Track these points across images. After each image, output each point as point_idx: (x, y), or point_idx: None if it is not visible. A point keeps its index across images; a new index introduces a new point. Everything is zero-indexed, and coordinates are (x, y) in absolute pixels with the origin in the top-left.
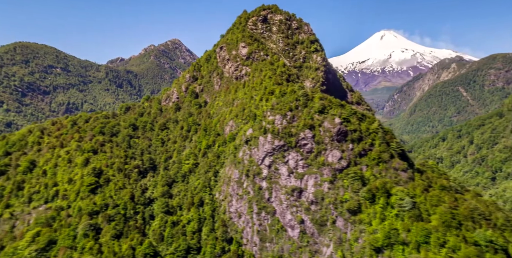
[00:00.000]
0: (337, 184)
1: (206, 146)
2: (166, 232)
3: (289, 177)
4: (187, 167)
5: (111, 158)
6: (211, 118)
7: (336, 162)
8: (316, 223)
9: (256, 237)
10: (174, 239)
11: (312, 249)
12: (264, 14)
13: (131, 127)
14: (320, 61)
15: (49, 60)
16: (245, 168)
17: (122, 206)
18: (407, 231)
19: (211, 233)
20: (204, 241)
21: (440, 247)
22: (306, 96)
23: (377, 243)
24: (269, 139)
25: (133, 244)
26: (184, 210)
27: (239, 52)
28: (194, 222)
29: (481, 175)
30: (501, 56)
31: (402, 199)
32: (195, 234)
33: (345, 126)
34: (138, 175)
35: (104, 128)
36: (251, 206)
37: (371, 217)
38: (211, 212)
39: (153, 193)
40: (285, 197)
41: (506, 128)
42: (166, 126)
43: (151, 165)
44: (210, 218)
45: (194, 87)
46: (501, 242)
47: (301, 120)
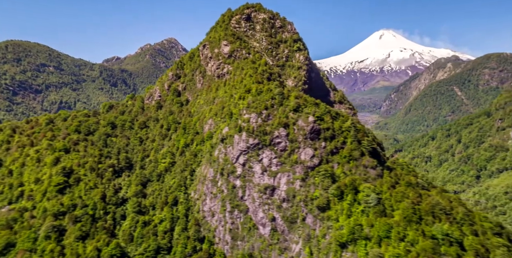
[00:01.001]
0: (308, 182)
1: (184, 145)
2: (136, 232)
3: (263, 175)
4: (163, 166)
5: (84, 157)
6: (192, 117)
7: (308, 160)
8: (286, 221)
9: (228, 235)
10: (144, 239)
11: (281, 247)
12: (247, 12)
13: (109, 126)
14: (302, 60)
15: (42, 59)
16: (220, 166)
17: (91, 207)
18: (370, 227)
19: (183, 232)
20: (175, 240)
21: (400, 241)
22: (282, 94)
23: (342, 239)
24: (244, 137)
25: (99, 245)
26: (157, 210)
27: (221, 50)
28: (167, 222)
29: (466, 173)
30: (496, 56)
31: (368, 196)
32: (167, 233)
33: (318, 124)
34: (112, 174)
35: (80, 126)
36: (224, 205)
37: (339, 214)
38: (185, 211)
39: (127, 193)
40: (258, 195)
41: (492, 127)
42: (146, 125)
43: (127, 164)
44: (184, 218)
45: (176, 86)
46: (457, 235)
47: (276, 118)
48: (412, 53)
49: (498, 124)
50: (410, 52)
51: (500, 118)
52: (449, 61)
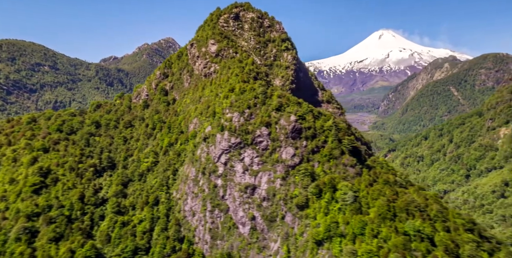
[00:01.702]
0: (289, 180)
1: (168, 144)
2: (114, 233)
3: (244, 174)
4: (146, 166)
5: (64, 157)
6: (178, 116)
7: (289, 159)
8: (266, 219)
9: (208, 235)
10: (121, 240)
11: (260, 245)
12: (236, 11)
13: (94, 125)
14: (290, 60)
15: (37, 58)
16: (201, 165)
17: (68, 207)
18: (346, 224)
19: (163, 232)
20: (154, 241)
21: (374, 237)
22: (265, 94)
23: (318, 236)
24: (226, 136)
25: (73, 247)
26: (137, 210)
27: (208, 49)
28: (146, 222)
29: (456, 173)
30: (492, 56)
31: (346, 194)
32: (146, 234)
33: (300, 123)
34: (93, 174)
35: (63, 125)
36: (205, 204)
37: (316, 212)
38: (166, 211)
39: (108, 193)
40: (238, 194)
41: (483, 127)
42: (131, 124)
43: (110, 163)
44: (164, 217)
45: (164, 85)
46: (428, 231)
47: (258, 118)
48: (411, 53)
49: (489, 124)
50: (409, 52)
51: (490, 118)
52: (447, 62)
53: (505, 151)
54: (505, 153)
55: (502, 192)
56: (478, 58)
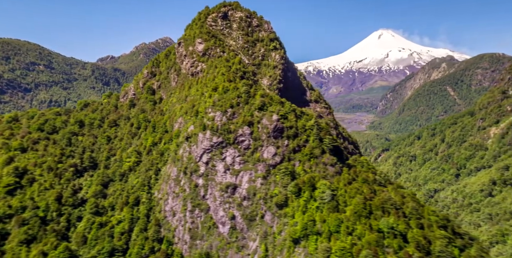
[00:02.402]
0: (269, 180)
1: (152, 143)
2: (90, 234)
3: (225, 173)
4: (128, 165)
5: (42, 157)
6: (164, 115)
7: (270, 158)
8: (246, 219)
9: (187, 235)
10: (98, 241)
11: (239, 245)
12: (224, 10)
13: (77, 124)
14: (278, 59)
15: (32, 57)
16: (183, 165)
17: (43, 208)
18: (322, 222)
19: (142, 233)
20: (133, 241)
21: (348, 235)
22: (248, 93)
23: (295, 235)
24: (208, 136)
25: (46, 249)
26: (116, 211)
27: (195, 48)
28: (125, 223)
29: (447, 172)
30: (488, 56)
31: (324, 192)
32: (124, 235)
33: (282, 123)
34: (73, 175)
35: (45, 125)
36: (186, 204)
37: (295, 210)
38: (147, 212)
39: (87, 193)
40: (219, 194)
41: (474, 126)
42: (116, 123)
43: (92, 163)
44: (145, 218)
45: (151, 84)
46: (402, 228)
47: (241, 117)
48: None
49: (479, 124)
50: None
51: (481, 118)
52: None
53: (494, 150)
54: (494, 152)
55: (489, 191)
56: (475, 58)
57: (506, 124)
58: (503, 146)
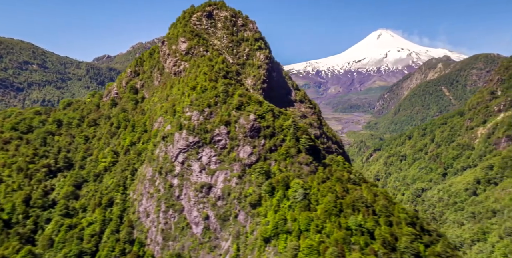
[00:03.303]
0: (245, 179)
1: (130, 143)
2: (58, 237)
3: (201, 173)
4: (103, 166)
5: (13, 157)
6: (145, 114)
7: (246, 157)
8: (219, 218)
9: (160, 236)
10: (66, 244)
11: (212, 245)
12: (209, 9)
13: (55, 123)
14: (263, 59)
15: (25, 56)
16: (159, 165)
17: (8, 210)
18: (293, 221)
19: (113, 235)
20: (103, 244)
21: (318, 233)
22: (226, 92)
23: (266, 234)
24: (184, 135)
25: (7, 253)
26: (88, 212)
27: (178, 47)
28: (97, 224)
29: (434, 171)
30: (483, 57)
31: (296, 191)
32: (94, 237)
33: (259, 122)
34: (46, 175)
35: (19, 124)
36: (160, 205)
37: (268, 209)
38: (120, 213)
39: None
40: (194, 194)
41: (462, 126)
42: (96, 122)
43: (67, 164)
44: (118, 219)
45: (134, 83)
46: (370, 225)
47: (218, 116)
48: (409, 53)
49: (467, 124)
50: (408, 52)
51: (469, 118)
52: (440, 62)
53: (480, 150)
54: (480, 152)
55: (474, 190)
56: (470, 58)
57: (492, 125)
58: (488, 146)
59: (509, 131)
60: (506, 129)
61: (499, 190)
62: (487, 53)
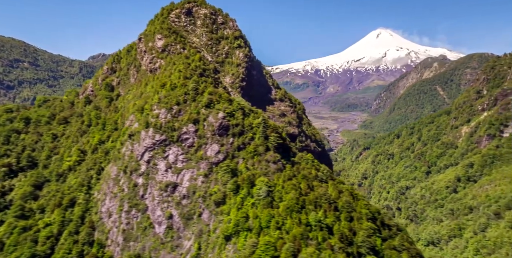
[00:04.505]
0: (211, 177)
1: (98, 142)
2: (9, 240)
3: (167, 172)
4: (67, 165)
5: None
6: (118, 112)
7: (213, 156)
8: (183, 218)
9: (121, 236)
10: (17, 247)
11: (174, 244)
12: (188, 7)
13: (23, 121)
14: (242, 57)
15: (16, 54)
16: (124, 164)
17: None
18: (255, 218)
19: (71, 236)
20: (60, 246)
21: (277, 230)
22: (196, 90)
23: (227, 231)
24: (151, 134)
25: None
26: (46, 213)
27: (155, 44)
28: (55, 226)
29: (419, 169)
30: (477, 56)
31: (260, 189)
32: (50, 239)
33: (228, 120)
34: (6, 175)
35: None
36: (122, 204)
37: (231, 207)
38: (82, 213)
39: (16, 195)
40: (158, 193)
41: (447, 125)
42: (67, 120)
43: (30, 163)
44: (78, 220)
45: (111, 80)
46: (329, 221)
47: (186, 114)
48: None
49: (453, 123)
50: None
51: (454, 117)
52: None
53: (463, 148)
54: (462, 150)
55: (454, 187)
56: (465, 58)
57: (475, 123)
58: (470, 144)
59: (490, 129)
60: (487, 127)
61: (477, 187)
62: (481, 53)
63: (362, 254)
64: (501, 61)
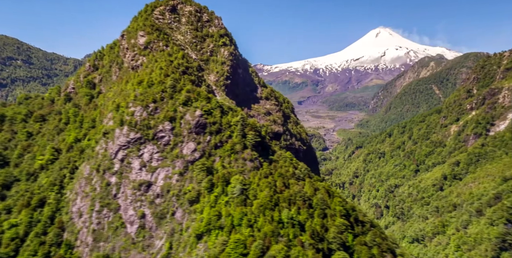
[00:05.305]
0: (186, 176)
1: (74, 140)
2: None
3: (141, 170)
4: (39, 163)
5: None
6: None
7: (189, 154)
8: (156, 217)
9: (90, 237)
10: None
11: (145, 244)
12: (173, 3)
13: None
14: (227, 56)
15: (9, 52)
16: (97, 162)
17: None
18: (227, 216)
19: (38, 237)
20: (25, 247)
21: (249, 227)
22: (173, 88)
23: (199, 230)
24: (125, 131)
25: None
26: (13, 213)
27: (137, 41)
28: (21, 227)
29: (408, 168)
30: (473, 55)
31: (234, 187)
32: (15, 240)
33: (205, 118)
34: None
35: None
36: (94, 204)
37: (205, 206)
38: (52, 214)
39: None
40: (131, 192)
41: (437, 124)
42: (44, 118)
43: (1, 161)
44: (48, 220)
45: (93, 78)
46: (302, 218)
47: (163, 112)
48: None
49: (442, 122)
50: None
51: (444, 116)
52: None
53: (450, 147)
54: (450, 148)
55: (440, 185)
56: (461, 57)
57: (463, 122)
58: (458, 143)
59: (477, 128)
60: (474, 126)
61: (461, 185)
62: (477, 52)
63: (332, 250)
64: (491, 61)
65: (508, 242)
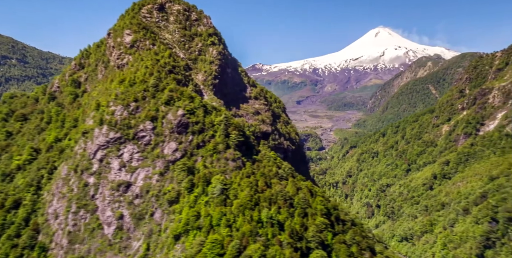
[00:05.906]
0: (167, 176)
1: (54, 139)
2: None
3: (120, 171)
4: (16, 164)
5: None
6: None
7: (170, 154)
8: (134, 218)
9: (65, 239)
10: None
11: (122, 245)
12: (161, 2)
13: None
14: (215, 55)
15: (3, 51)
16: (75, 163)
17: None
18: (206, 216)
19: (10, 240)
20: None
21: (228, 227)
22: (156, 87)
23: (177, 231)
24: (104, 131)
25: None
26: None
27: (123, 39)
28: None
29: (399, 167)
30: (469, 55)
31: (215, 187)
32: None
33: (187, 118)
34: None
35: None
36: (70, 205)
37: (184, 206)
38: (27, 215)
39: None
40: (109, 193)
41: (429, 124)
42: (26, 117)
43: None
44: (22, 222)
45: (79, 76)
46: (281, 217)
47: (144, 111)
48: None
49: (434, 121)
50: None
51: (436, 115)
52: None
53: (441, 146)
54: (441, 148)
55: (430, 185)
56: (458, 57)
57: (454, 122)
58: (449, 142)
59: (467, 128)
60: (464, 126)
61: (450, 184)
62: (473, 52)
63: (311, 248)
64: (483, 61)
65: (492, 240)
